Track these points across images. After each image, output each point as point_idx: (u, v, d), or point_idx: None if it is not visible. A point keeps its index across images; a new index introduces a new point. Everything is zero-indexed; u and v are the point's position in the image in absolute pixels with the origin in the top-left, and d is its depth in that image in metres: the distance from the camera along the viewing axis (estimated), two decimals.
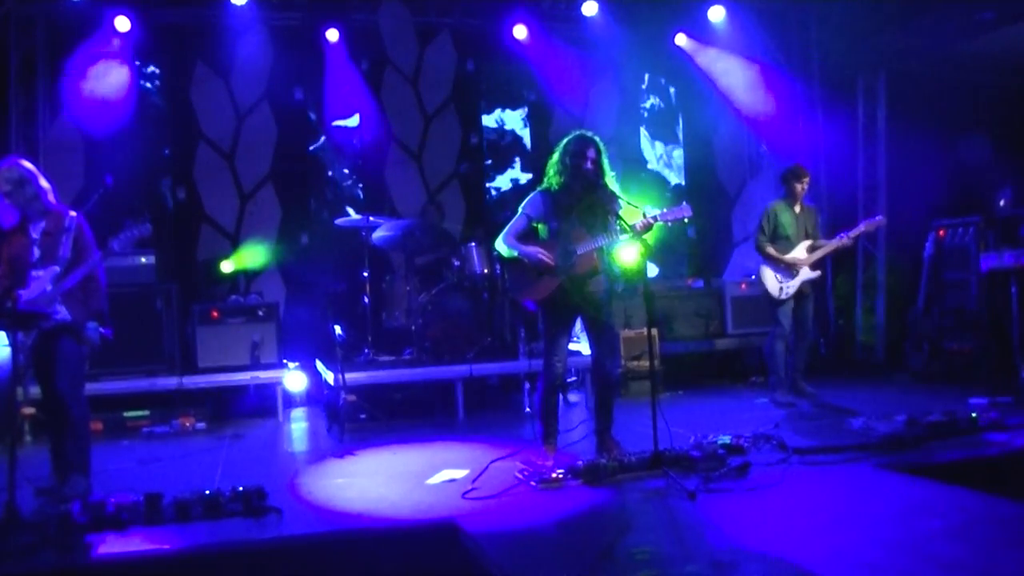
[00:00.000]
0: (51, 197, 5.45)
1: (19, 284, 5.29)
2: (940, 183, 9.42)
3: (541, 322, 5.80)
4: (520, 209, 5.79)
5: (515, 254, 5.66)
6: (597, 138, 5.67)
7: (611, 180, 5.66)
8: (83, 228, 5.47)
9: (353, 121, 10.29)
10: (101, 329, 5.49)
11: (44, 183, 5.42)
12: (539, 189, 5.82)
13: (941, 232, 9.30)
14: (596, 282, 5.66)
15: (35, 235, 5.38)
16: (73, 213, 5.46)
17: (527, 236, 5.75)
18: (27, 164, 5.43)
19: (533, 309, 5.84)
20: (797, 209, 7.81)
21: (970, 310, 8.89)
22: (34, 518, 4.68)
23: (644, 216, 5.51)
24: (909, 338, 9.15)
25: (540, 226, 5.76)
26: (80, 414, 5.43)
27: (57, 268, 5.31)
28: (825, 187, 10.69)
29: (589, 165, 5.54)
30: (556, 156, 5.71)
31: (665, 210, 5.63)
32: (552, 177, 5.70)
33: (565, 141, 5.71)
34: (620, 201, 5.59)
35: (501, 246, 5.74)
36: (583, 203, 5.64)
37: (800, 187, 7.75)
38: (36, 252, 5.35)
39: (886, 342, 10.27)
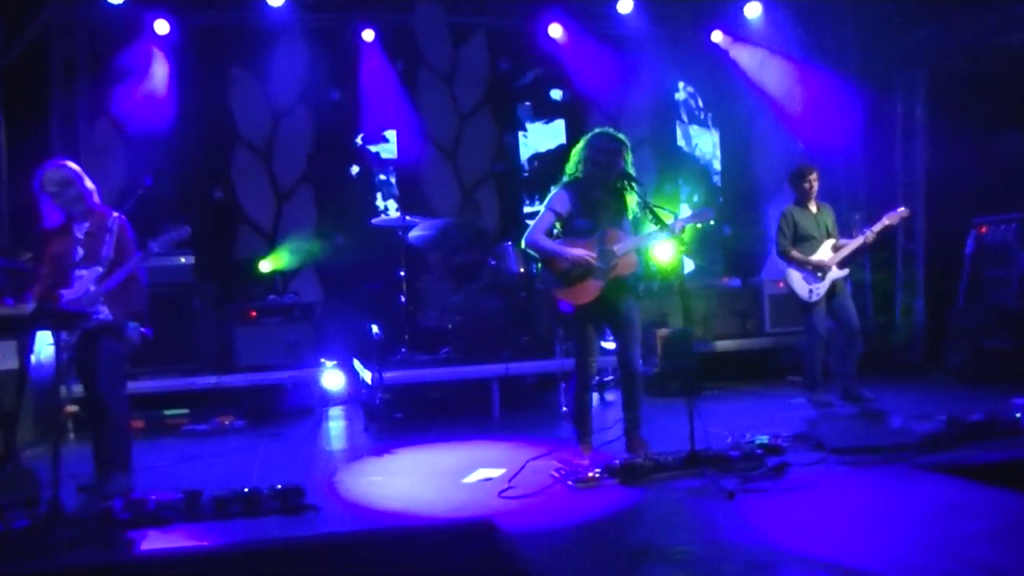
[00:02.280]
0: (95, 198, 5.52)
1: (62, 283, 5.37)
2: (981, 179, 9.28)
3: (573, 322, 5.74)
4: (544, 206, 5.72)
5: (548, 254, 5.62)
6: (622, 135, 5.62)
7: (632, 187, 5.58)
8: (125, 228, 5.53)
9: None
10: (142, 328, 5.56)
11: (89, 184, 5.47)
12: (562, 184, 5.71)
13: (982, 229, 9.18)
14: (632, 279, 5.65)
15: (79, 235, 5.45)
16: (116, 214, 5.52)
17: (550, 234, 5.70)
18: (72, 165, 5.49)
19: (570, 312, 5.72)
20: (813, 209, 7.68)
21: (1011, 308, 8.74)
22: (77, 514, 4.75)
23: (675, 217, 5.48)
24: (949, 337, 9.03)
25: (559, 223, 5.71)
26: (121, 412, 5.49)
27: (100, 268, 5.37)
28: (863, 185, 10.59)
29: (614, 158, 5.49)
30: (579, 148, 5.62)
31: (688, 214, 5.61)
32: (576, 170, 5.65)
33: (589, 135, 5.63)
34: (640, 201, 5.53)
35: (530, 246, 5.67)
36: (611, 200, 5.60)
37: (807, 185, 7.62)
38: (79, 252, 5.42)
39: (925, 341, 10.14)
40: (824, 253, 7.56)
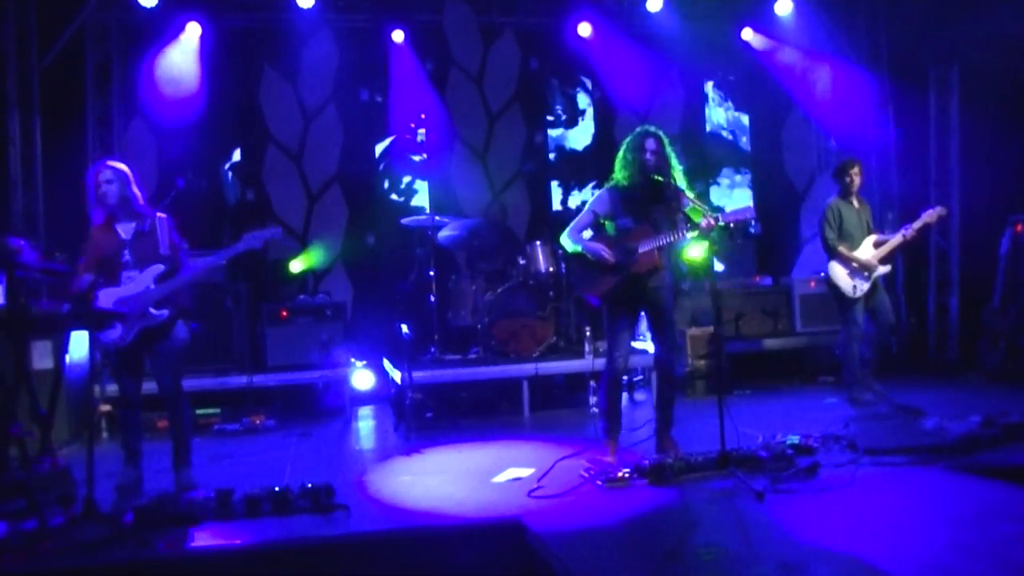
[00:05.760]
0: (141, 201, 5.61)
1: (108, 283, 5.43)
2: (1016, 176, 9.15)
3: (604, 318, 5.81)
4: (587, 205, 5.84)
5: (579, 249, 5.71)
6: (660, 132, 5.68)
7: (678, 173, 5.65)
8: (172, 228, 5.64)
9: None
10: (191, 324, 5.75)
11: (135, 188, 5.58)
12: (606, 186, 5.84)
13: (1018, 227, 9.04)
14: (659, 278, 5.65)
15: (125, 236, 5.52)
16: (161, 215, 5.62)
17: (593, 232, 5.78)
18: (123, 166, 5.60)
19: (596, 305, 5.87)
20: (856, 204, 7.67)
21: None
22: (111, 512, 4.81)
23: (706, 216, 5.46)
24: (984, 336, 8.92)
25: (607, 223, 5.79)
26: (186, 408, 5.72)
27: (161, 267, 5.46)
28: (896, 182, 10.48)
29: (651, 158, 5.56)
30: (621, 152, 5.74)
31: (728, 211, 5.59)
32: (618, 173, 5.73)
33: (629, 137, 5.74)
34: (686, 198, 5.56)
35: (566, 241, 5.82)
36: (650, 199, 5.63)
37: (850, 180, 7.60)
38: (127, 254, 5.49)
39: (960, 340, 10.00)
40: (866, 251, 7.54)
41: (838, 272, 7.57)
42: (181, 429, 5.66)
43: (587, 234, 5.78)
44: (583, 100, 11.11)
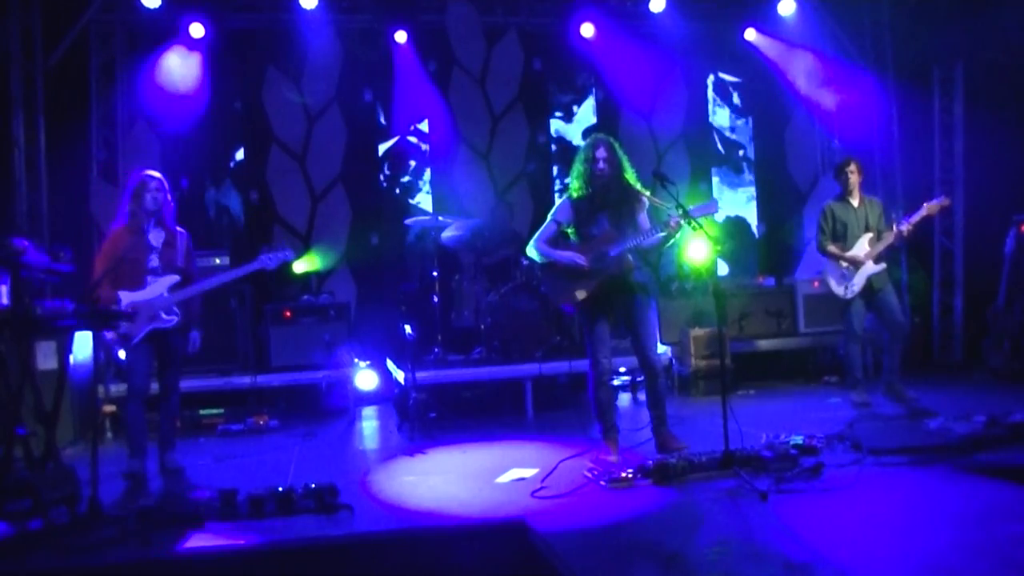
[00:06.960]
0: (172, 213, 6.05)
1: (133, 285, 5.78)
2: (1021, 176, 9.13)
3: (582, 322, 5.86)
4: (549, 216, 5.92)
5: (548, 260, 5.80)
6: (610, 138, 5.79)
7: (632, 176, 5.73)
8: (190, 243, 6.12)
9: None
10: (199, 332, 6.21)
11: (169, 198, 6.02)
12: (565, 196, 5.92)
13: (1023, 227, 9.03)
14: (632, 278, 5.72)
15: (155, 243, 5.90)
16: (181, 229, 6.05)
17: (557, 241, 5.86)
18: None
19: (571, 313, 6.01)
20: (855, 202, 7.52)
21: None
22: (116, 512, 4.81)
23: (671, 214, 5.46)
24: (989, 336, 8.90)
25: (571, 230, 5.87)
26: (178, 402, 6.26)
27: (177, 277, 5.88)
28: (900, 182, 10.47)
29: (602, 166, 5.63)
30: (575, 164, 5.84)
31: (692, 207, 5.59)
32: (573, 183, 5.81)
33: (582, 147, 5.84)
34: (644, 197, 5.64)
35: (533, 252, 5.90)
36: (608, 204, 5.71)
37: (844, 179, 7.49)
38: (156, 260, 5.88)
39: (965, 340, 10.00)
40: (860, 248, 7.44)
41: (829, 274, 7.57)
42: (172, 420, 6.18)
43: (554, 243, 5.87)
44: (586, 101, 11.10)
